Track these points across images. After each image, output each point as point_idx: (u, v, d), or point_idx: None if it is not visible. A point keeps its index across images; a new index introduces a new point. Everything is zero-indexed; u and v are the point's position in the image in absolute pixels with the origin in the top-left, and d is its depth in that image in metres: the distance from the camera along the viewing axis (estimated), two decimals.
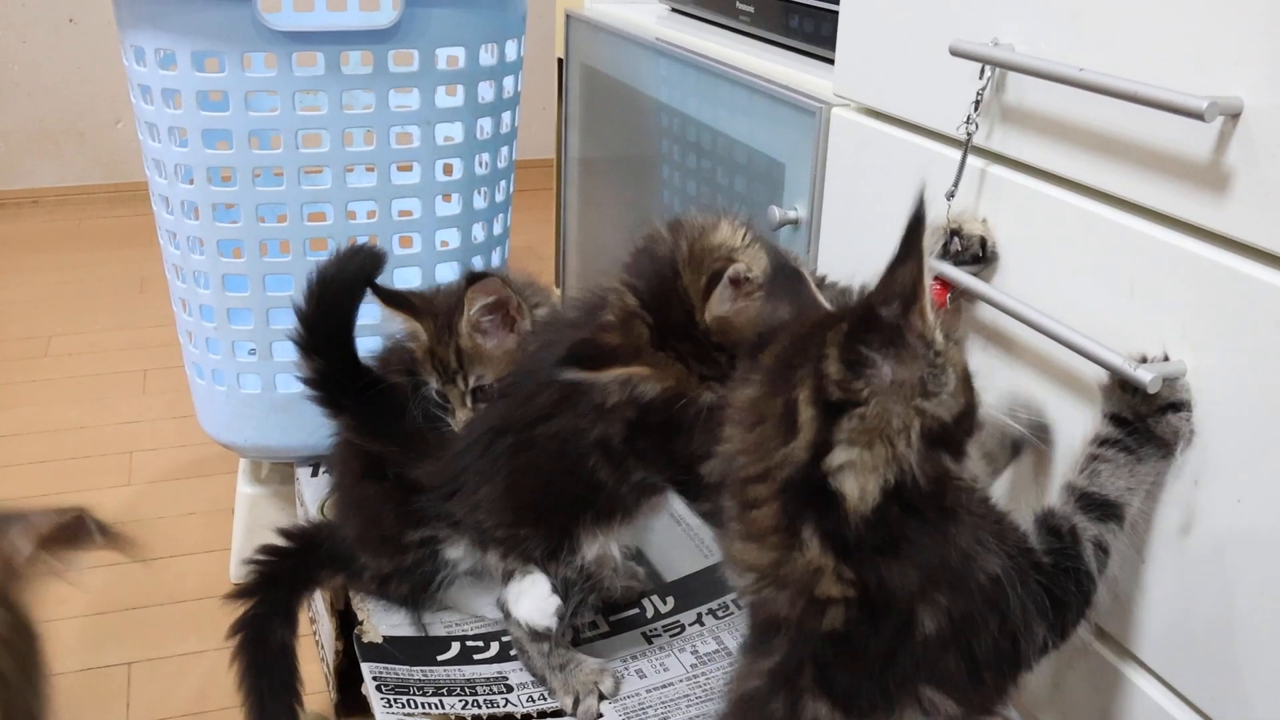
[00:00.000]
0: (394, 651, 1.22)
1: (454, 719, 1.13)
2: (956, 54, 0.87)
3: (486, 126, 1.52)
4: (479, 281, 1.19)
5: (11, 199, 3.42)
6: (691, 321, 0.94)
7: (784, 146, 1.21)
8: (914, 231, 0.67)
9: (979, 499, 0.75)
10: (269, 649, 1.25)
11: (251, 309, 1.48)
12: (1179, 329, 0.74)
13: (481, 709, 1.14)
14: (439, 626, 1.27)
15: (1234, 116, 0.68)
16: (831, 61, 1.11)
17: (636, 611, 1.28)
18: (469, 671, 1.20)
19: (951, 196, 0.92)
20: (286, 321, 1.48)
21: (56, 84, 3.44)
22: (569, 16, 1.82)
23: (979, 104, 0.89)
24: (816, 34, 1.27)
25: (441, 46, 1.44)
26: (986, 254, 0.90)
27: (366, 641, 1.24)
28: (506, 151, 1.58)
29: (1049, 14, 0.82)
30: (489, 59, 1.49)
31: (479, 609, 1.28)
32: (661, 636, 1.23)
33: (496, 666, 1.22)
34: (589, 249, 1.91)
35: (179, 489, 2.00)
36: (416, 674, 1.19)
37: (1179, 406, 0.75)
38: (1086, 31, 0.79)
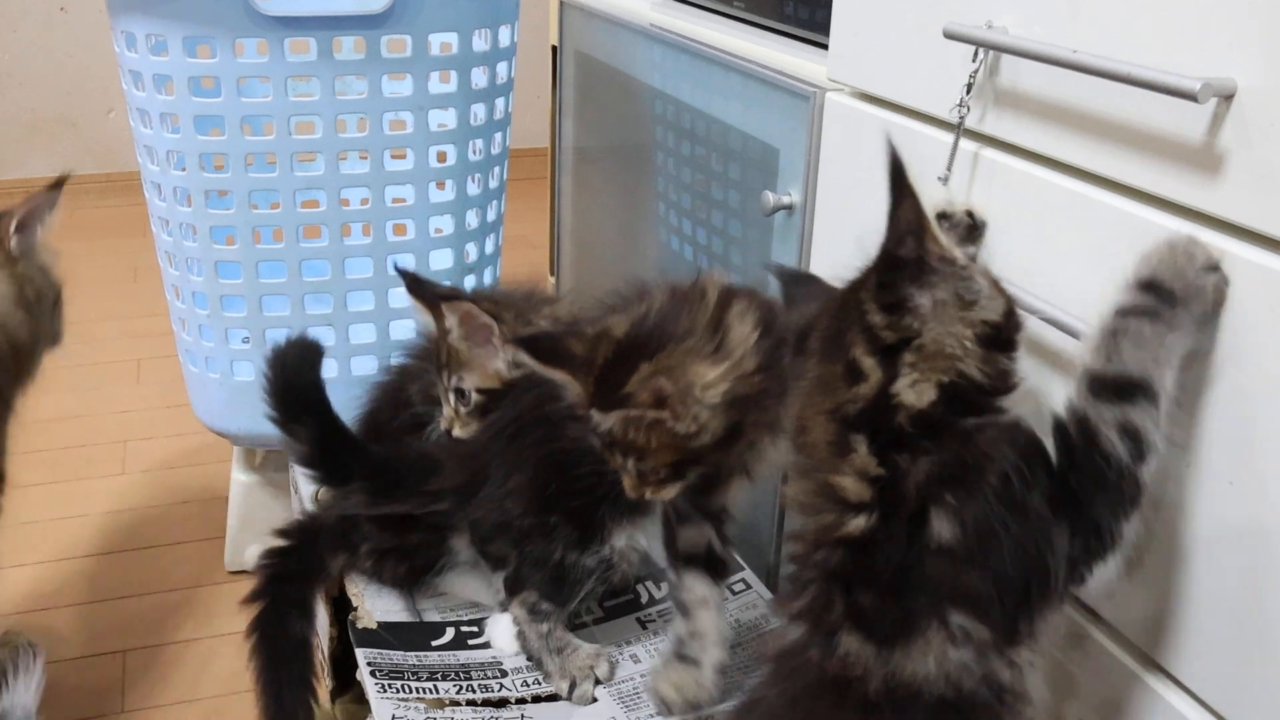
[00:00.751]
0: (388, 637, 1.22)
1: (448, 703, 1.13)
2: (950, 37, 0.87)
3: (480, 112, 1.51)
4: (450, 303, 1.19)
5: (3, 189, 3.41)
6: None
7: (778, 132, 1.21)
8: (899, 173, 0.71)
9: (1018, 421, 0.74)
10: (287, 643, 1.24)
11: (244, 296, 1.48)
12: None
13: (476, 694, 1.15)
14: (434, 612, 1.27)
15: (1227, 98, 0.68)
16: (825, 46, 1.10)
17: (631, 597, 1.28)
18: (464, 656, 1.20)
19: (945, 180, 0.92)
20: (280, 308, 1.49)
21: (48, 74, 3.43)
22: (563, 3, 1.82)
23: (971, 87, 0.88)
24: (810, 19, 1.27)
25: (434, 32, 1.44)
26: (976, 223, 0.90)
27: (361, 627, 1.24)
28: (500, 138, 1.58)
29: None
30: (482, 44, 1.48)
31: (474, 595, 1.28)
32: (656, 621, 1.24)
33: (491, 651, 1.22)
34: (583, 237, 1.91)
35: (173, 477, 2.00)
36: (411, 659, 1.19)
37: (1214, 269, 0.71)
38: (1080, 14, 0.79)
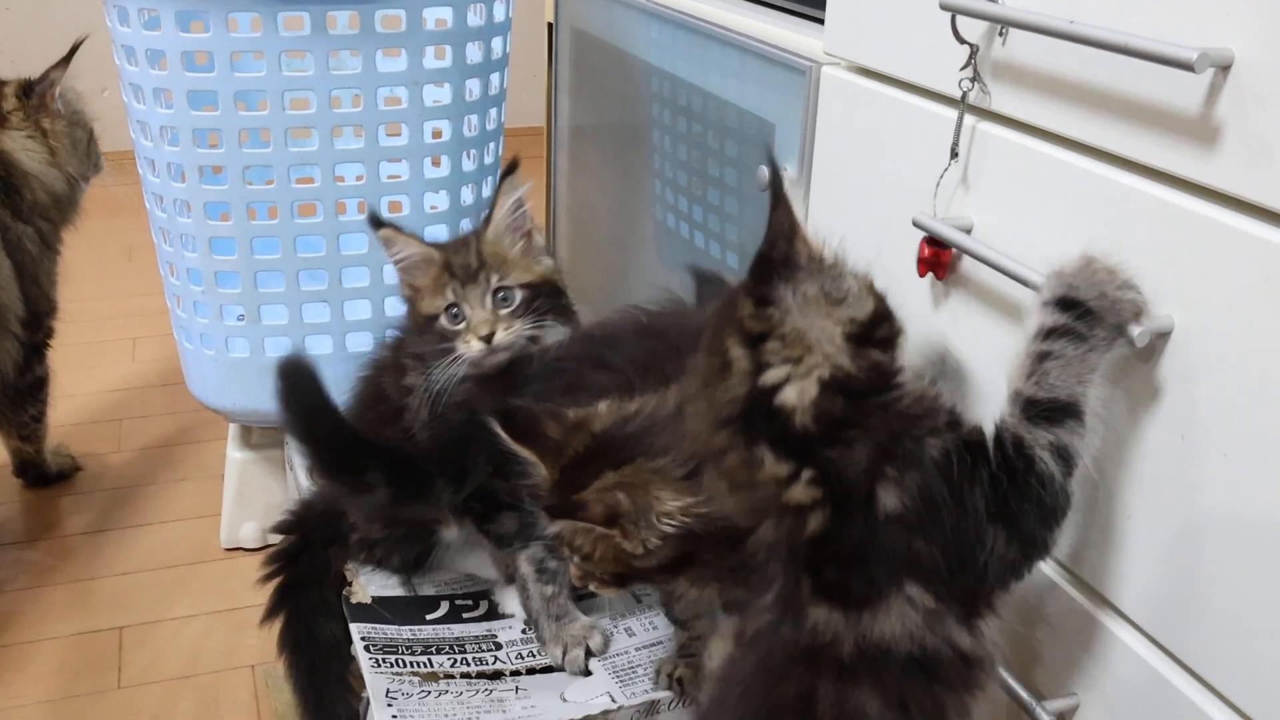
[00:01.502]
0: (382, 612, 1.23)
1: (443, 676, 1.13)
2: (947, 8, 0.86)
3: (475, 88, 1.51)
4: (510, 175, 1.23)
5: None
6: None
7: (774, 107, 1.20)
8: (777, 185, 0.77)
9: (930, 395, 0.79)
10: (319, 649, 1.24)
11: (239, 272, 1.47)
12: (1167, 284, 0.74)
13: (470, 666, 1.15)
14: (428, 586, 1.27)
15: (1224, 68, 0.68)
16: (822, 21, 1.10)
17: None
18: (458, 630, 1.21)
19: (955, 155, 0.91)
20: (274, 285, 1.48)
21: (41, 52, 3.40)
22: None
23: (972, 60, 0.88)
24: None
25: (429, 7, 1.43)
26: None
27: (355, 603, 1.24)
28: (495, 114, 1.57)
29: None
30: (476, 20, 1.48)
31: (469, 568, 1.28)
32: (650, 595, 1.24)
33: (485, 625, 1.22)
34: (580, 216, 1.90)
35: (169, 455, 2.00)
36: (405, 633, 1.19)
37: (1130, 286, 0.75)
38: None
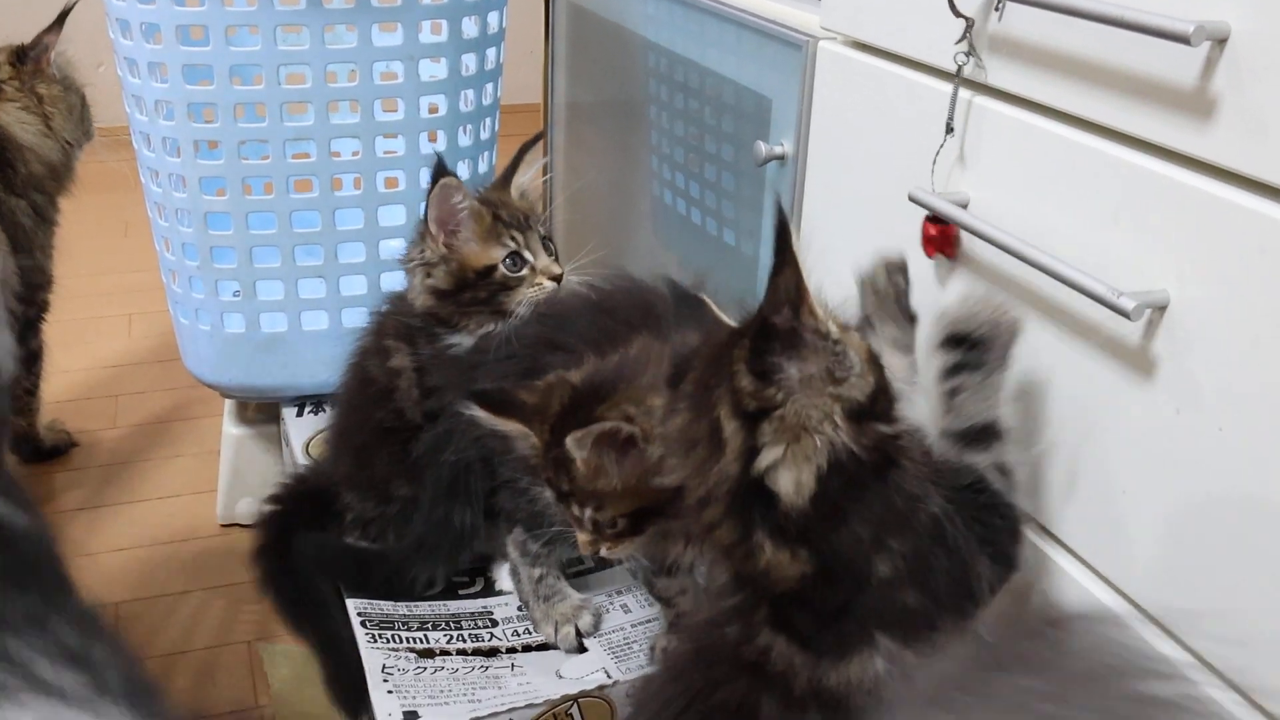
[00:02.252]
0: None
1: (439, 653, 1.13)
2: None
3: (470, 63, 1.50)
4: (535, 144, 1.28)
5: None
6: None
7: (771, 82, 1.20)
8: (784, 238, 0.72)
9: (919, 446, 0.79)
10: (319, 596, 1.25)
11: (235, 247, 1.47)
12: (1164, 258, 0.74)
13: (466, 643, 1.15)
14: None
15: (1220, 41, 0.67)
16: None
17: None
18: (454, 606, 1.21)
19: (950, 130, 0.91)
20: (270, 260, 1.48)
21: (35, 28, 3.39)
22: None
23: (968, 33, 0.88)
24: None
25: None
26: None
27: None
28: (491, 89, 1.57)
29: None
30: None
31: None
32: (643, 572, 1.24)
33: (481, 601, 1.22)
34: (577, 192, 1.90)
35: (165, 431, 2.00)
36: (401, 609, 1.19)
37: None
38: None
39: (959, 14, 0.87)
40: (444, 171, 1.20)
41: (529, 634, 1.17)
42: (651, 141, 1.55)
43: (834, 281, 0.80)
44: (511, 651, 1.15)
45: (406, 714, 1.04)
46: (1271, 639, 0.69)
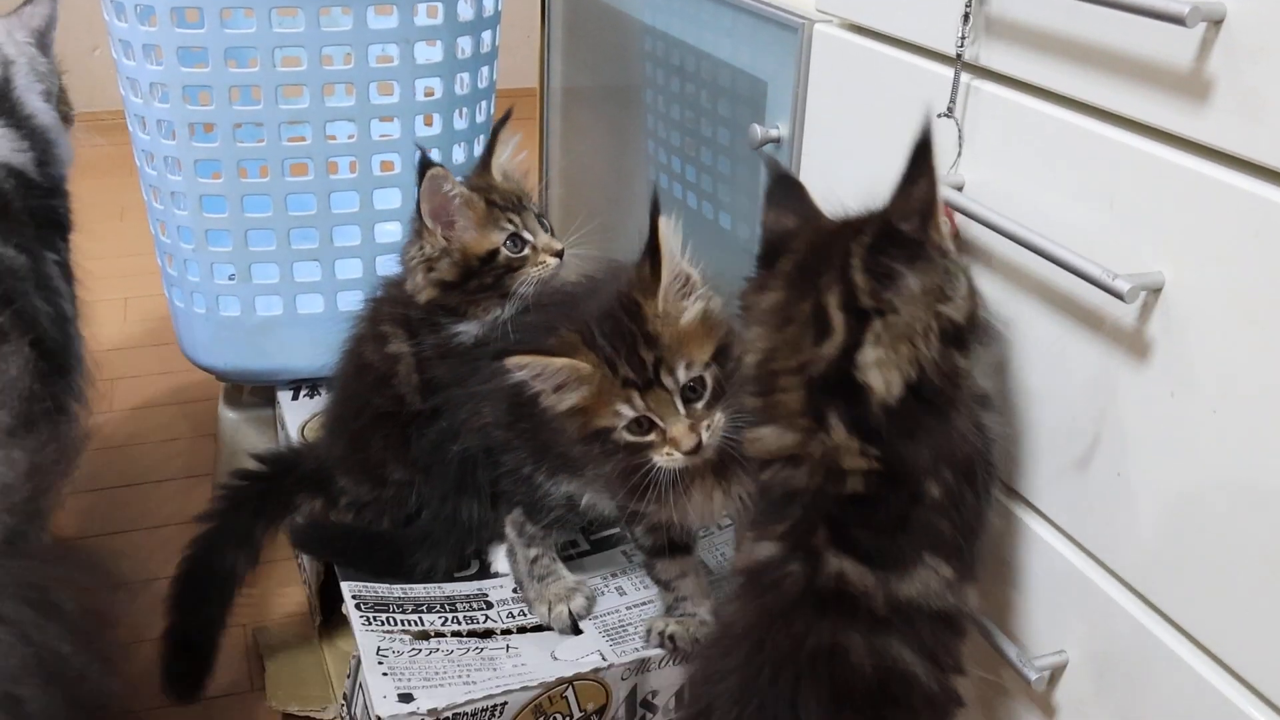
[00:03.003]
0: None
1: (433, 635, 1.13)
2: None
3: (466, 46, 1.50)
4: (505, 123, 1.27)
5: None
6: (635, 319, 0.97)
7: (767, 65, 1.19)
8: (925, 150, 0.74)
9: (975, 385, 0.82)
10: (215, 572, 1.26)
11: (230, 230, 1.47)
12: (1158, 240, 0.74)
13: (461, 625, 1.15)
14: None
15: (1216, 23, 0.67)
16: None
17: (617, 530, 1.28)
18: (449, 589, 1.21)
19: (950, 114, 0.91)
20: (265, 243, 1.48)
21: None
22: None
23: (968, 16, 0.87)
24: None
25: None
26: None
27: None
28: (487, 72, 1.56)
29: None
30: None
31: None
32: (640, 556, 1.24)
33: (476, 584, 1.22)
34: (573, 177, 1.90)
35: (161, 415, 2.00)
36: (396, 592, 1.20)
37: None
38: None
39: None
40: (429, 164, 1.19)
41: (524, 616, 1.17)
42: (647, 126, 1.55)
43: None
44: (506, 633, 1.15)
45: (401, 696, 1.04)
46: (1262, 619, 0.69)
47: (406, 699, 1.04)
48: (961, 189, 0.90)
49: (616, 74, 1.64)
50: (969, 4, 0.87)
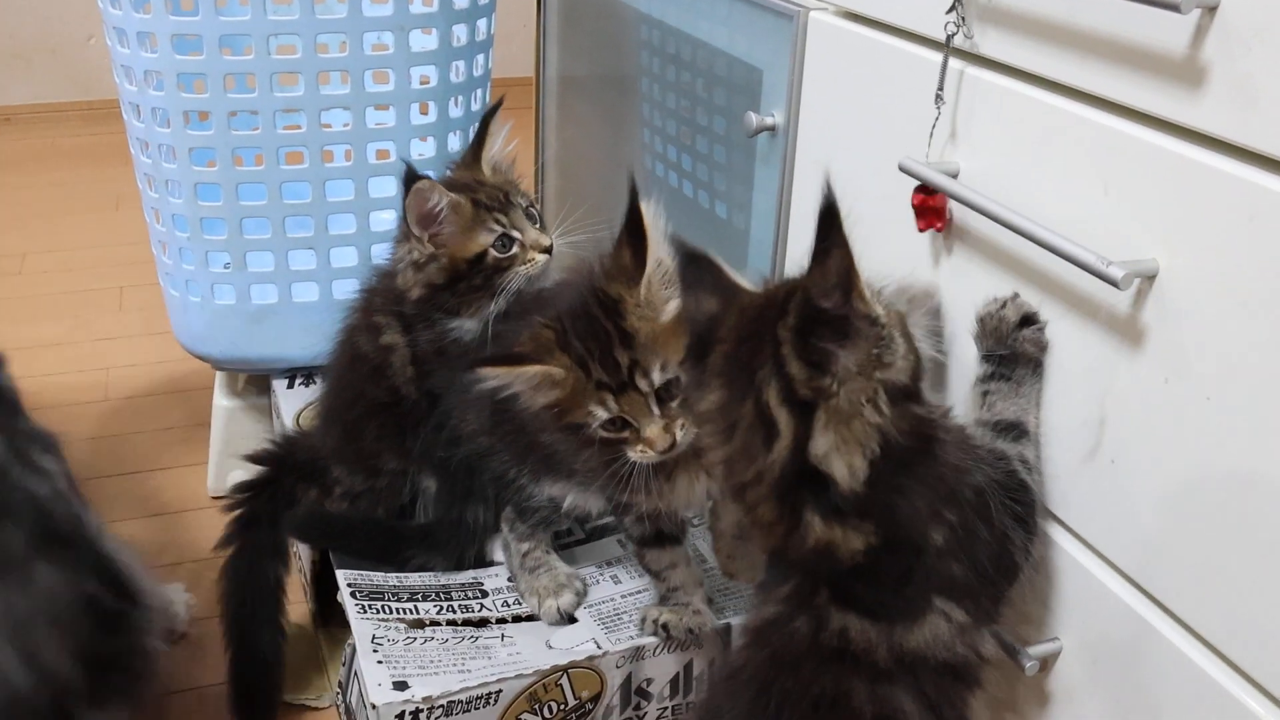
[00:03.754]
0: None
1: (429, 623, 1.13)
2: None
3: (461, 34, 1.49)
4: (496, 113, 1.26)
5: None
6: (611, 315, 0.98)
7: (762, 53, 1.19)
8: (831, 218, 0.70)
9: (949, 421, 0.82)
10: (259, 587, 1.26)
11: (225, 219, 1.46)
12: (1152, 227, 0.74)
13: (456, 613, 1.15)
14: None
15: (1210, 9, 0.67)
16: None
17: (612, 519, 1.28)
18: (444, 577, 1.21)
19: (940, 100, 0.91)
20: (260, 231, 1.48)
21: (27, 0, 3.38)
22: None
23: (956, 3, 0.87)
24: None
25: None
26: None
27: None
28: (482, 60, 1.56)
29: None
30: None
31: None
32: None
33: (472, 572, 1.22)
34: (569, 166, 1.89)
35: (156, 404, 1.99)
36: (391, 580, 1.20)
37: (1029, 320, 0.84)
38: None
39: None
40: (415, 176, 1.17)
41: (519, 605, 1.17)
42: (643, 115, 1.55)
43: None
44: (501, 622, 1.15)
45: (396, 684, 1.04)
46: (1257, 607, 0.70)
47: (401, 687, 1.04)
48: (956, 176, 0.90)
49: (612, 62, 1.64)
50: None
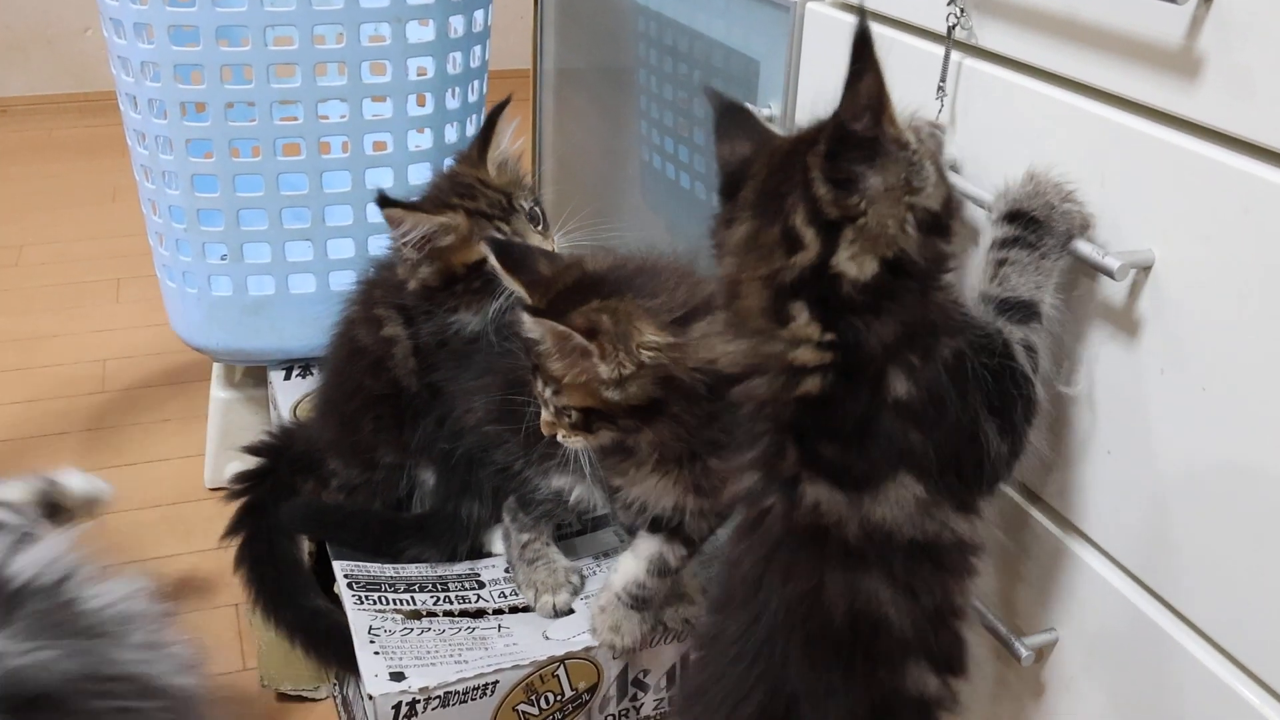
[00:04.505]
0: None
1: (425, 614, 1.14)
2: None
3: (458, 25, 1.49)
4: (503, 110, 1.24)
5: None
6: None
7: (759, 45, 1.19)
8: (864, 44, 0.70)
9: (956, 293, 0.79)
10: (277, 567, 1.26)
11: (222, 210, 1.46)
12: (1149, 218, 0.74)
13: (453, 604, 1.15)
14: None
15: (1207, 0, 0.67)
16: None
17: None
18: (441, 569, 1.21)
19: (941, 93, 0.91)
20: (257, 223, 1.47)
21: (34, 20, 3.37)
22: None
23: None
24: None
25: None
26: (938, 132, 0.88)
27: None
28: (479, 51, 1.56)
29: None
30: None
31: None
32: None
33: (469, 563, 1.22)
34: (566, 157, 1.89)
35: (153, 396, 1.99)
36: (388, 571, 1.20)
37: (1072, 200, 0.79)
38: None
39: None
40: (388, 203, 1.16)
41: (516, 595, 1.17)
42: (640, 106, 1.55)
43: None
44: (498, 613, 1.15)
45: (393, 675, 1.04)
46: (1253, 597, 0.70)
47: (398, 678, 1.04)
48: (954, 168, 0.90)
49: (610, 54, 1.64)
50: None
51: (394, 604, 1.15)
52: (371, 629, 1.11)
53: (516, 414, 1.09)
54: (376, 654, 1.07)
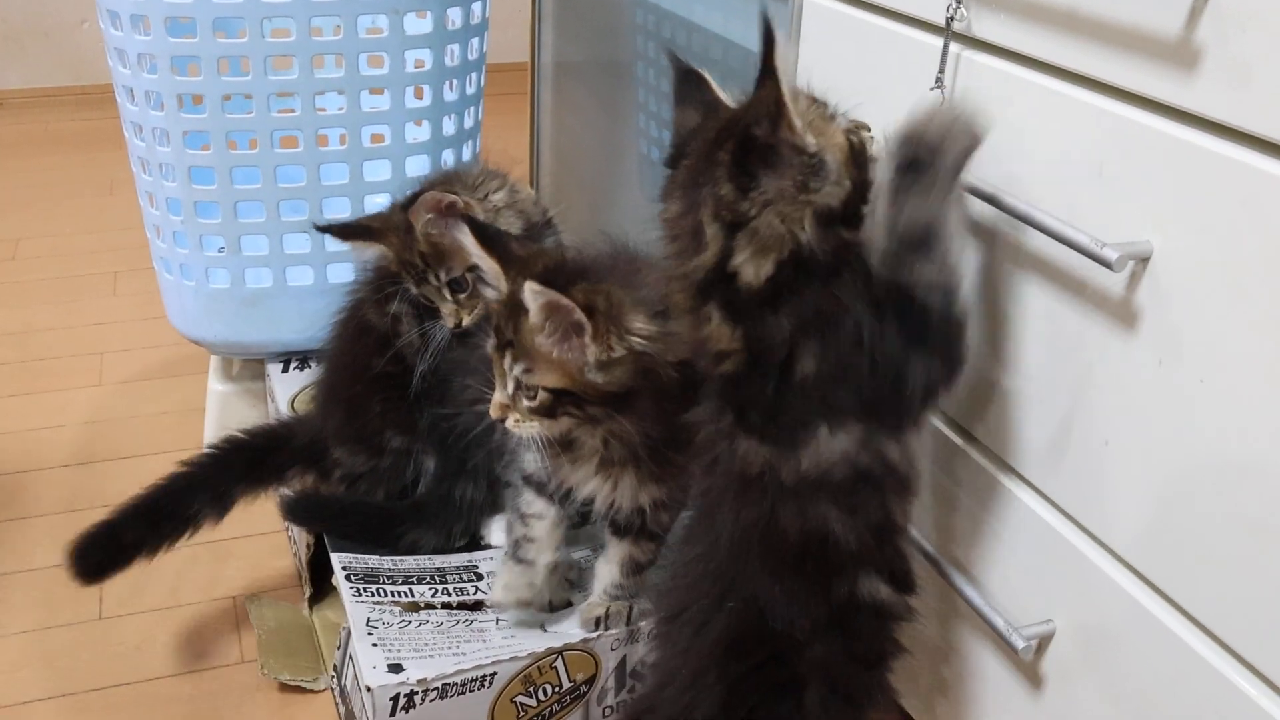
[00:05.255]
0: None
1: (423, 606, 1.14)
2: None
3: (456, 17, 1.49)
4: (418, 199, 1.21)
5: None
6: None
7: (757, 37, 1.19)
8: (768, 51, 0.77)
9: (864, 263, 0.81)
10: (174, 513, 1.27)
11: (219, 202, 1.46)
12: (1147, 209, 0.74)
13: (451, 597, 1.16)
14: None
15: None
16: None
17: None
18: (439, 561, 1.21)
19: (940, 84, 0.91)
20: (255, 215, 1.47)
21: (33, 17, 3.37)
22: None
23: None
24: None
25: None
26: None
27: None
28: (477, 43, 1.56)
29: None
30: None
31: None
32: None
33: (467, 555, 1.23)
34: (564, 150, 1.89)
35: (150, 389, 1.99)
36: (386, 563, 1.20)
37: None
38: None
39: None
40: (335, 231, 1.27)
41: None
42: (639, 99, 1.55)
43: None
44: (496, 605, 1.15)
45: (391, 666, 1.04)
46: (1250, 589, 0.70)
47: (396, 669, 1.04)
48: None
49: (608, 47, 1.64)
50: None
51: (392, 596, 1.15)
52: (369, 621, 1.11)
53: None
54: (374, 646, 1.07)
